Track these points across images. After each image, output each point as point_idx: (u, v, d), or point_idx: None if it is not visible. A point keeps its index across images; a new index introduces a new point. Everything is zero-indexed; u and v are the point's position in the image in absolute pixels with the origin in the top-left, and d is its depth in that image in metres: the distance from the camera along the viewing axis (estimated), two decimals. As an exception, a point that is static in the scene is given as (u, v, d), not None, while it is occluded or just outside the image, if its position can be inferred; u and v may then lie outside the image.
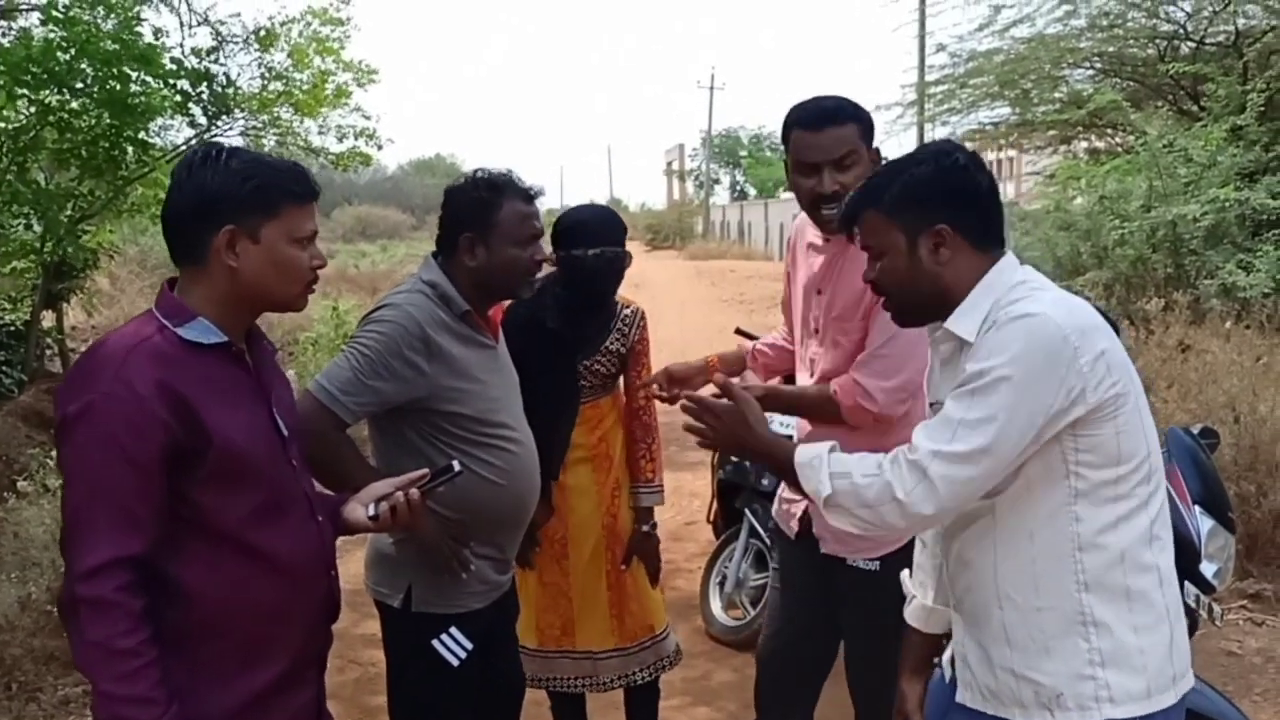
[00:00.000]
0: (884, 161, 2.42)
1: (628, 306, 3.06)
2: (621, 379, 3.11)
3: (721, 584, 4.47)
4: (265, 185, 1.72)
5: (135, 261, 14.60)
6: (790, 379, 2.81)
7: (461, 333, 2.38)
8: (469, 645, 2.46)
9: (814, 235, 2.58)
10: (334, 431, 2.24)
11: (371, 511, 1.93)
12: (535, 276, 2.50)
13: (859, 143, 2.39)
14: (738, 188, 53.67)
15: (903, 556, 2.48)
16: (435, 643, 2.43)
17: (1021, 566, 1.73)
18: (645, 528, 3.08)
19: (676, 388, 2.78)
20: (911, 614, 2.06)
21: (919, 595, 2.04)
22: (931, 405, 1.92)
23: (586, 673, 3.06)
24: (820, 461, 1.80)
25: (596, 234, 2.89)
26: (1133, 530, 1.71)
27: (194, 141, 8.89)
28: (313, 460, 2.22)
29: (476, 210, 2.40)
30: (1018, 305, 1.70)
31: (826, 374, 2.53)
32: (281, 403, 1.86)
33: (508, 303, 2.96)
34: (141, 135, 7.88)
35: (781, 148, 2.58)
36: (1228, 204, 8.22)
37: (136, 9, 7.34)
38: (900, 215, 1.81)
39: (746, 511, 4.33)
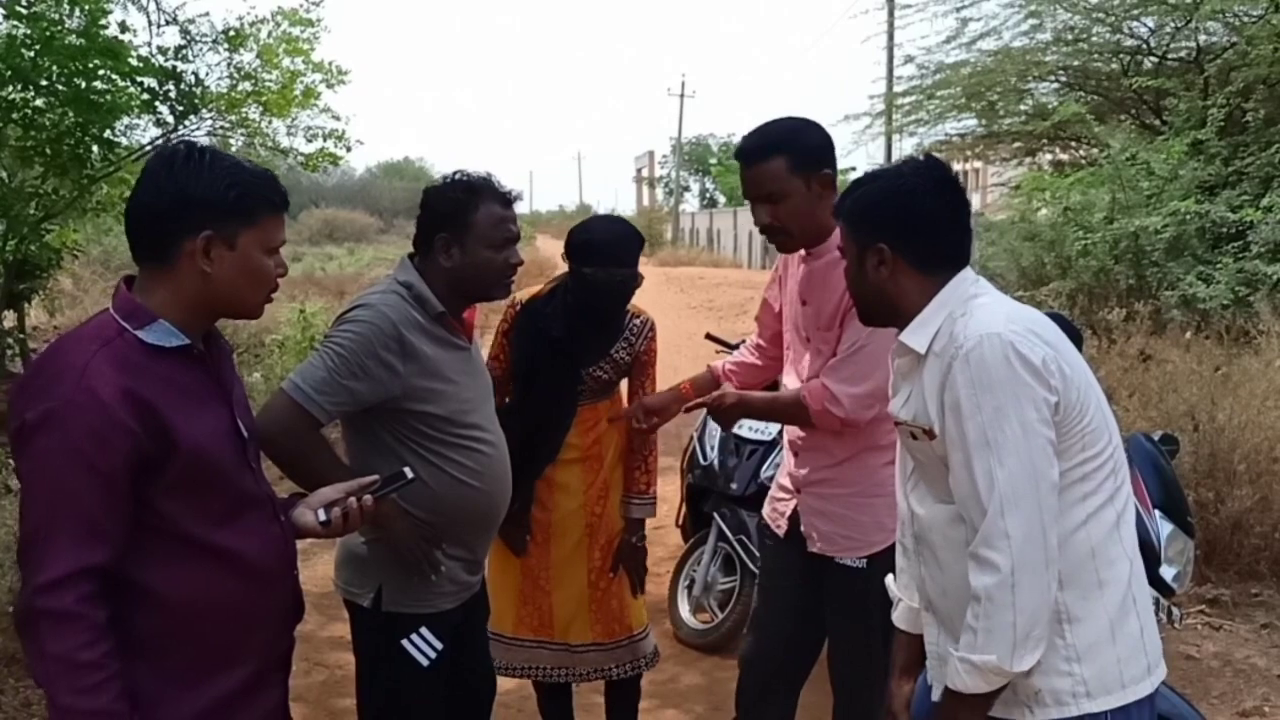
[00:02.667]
0: (836, 181, 2.51)
1: (638, 316, 3.06)
2: (625, 386, 3.12)
3: (690, 587, 4.49)
4: (246, 193, 1.69)
5: (98, 262, 14.42)
6: (773, 388, 2.85)
7: (435, 334, 2.39)
8: (439, 645, 2.46)
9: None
10: (308, 431, 2.24)
11: (322, 517, 1.89)
12: (510, 280, 2.50)
13: (787, 175, 2.45)
14: (707, 195, 53.81)
15: (890, 555, 2.51)
16: (405, 642, 2.43)
17: None
18: (634, 539, 3.09)
19: (654, 418, 2.86)
20: (899, 617, 2.09)
21: (904, 598, 2.07)
22: (897, 425, 1.95)
23: (564, 663, 3.09)
24: (951, 672, 1.77)
25: (610, 253, 2.87)
26: (1101, 525, 1.76)
27: (160, 141, 8.81)
28: (287, 460, 2.23)
29: (452, 211, 2.40)
30: (972, 325, 1.75)
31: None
32: (240, 404, 1.83)
33: (520, 306, 3.00)
34: (107, 134, 7.79)
35: None
36: (1188, 217, 8.37)
37: (102, 3, 7.25)
38: (852, 227, 1.93)
39: (715, 515, 4.36)
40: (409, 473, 2.01)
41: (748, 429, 4.42)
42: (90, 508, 1.55)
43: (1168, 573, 2.69)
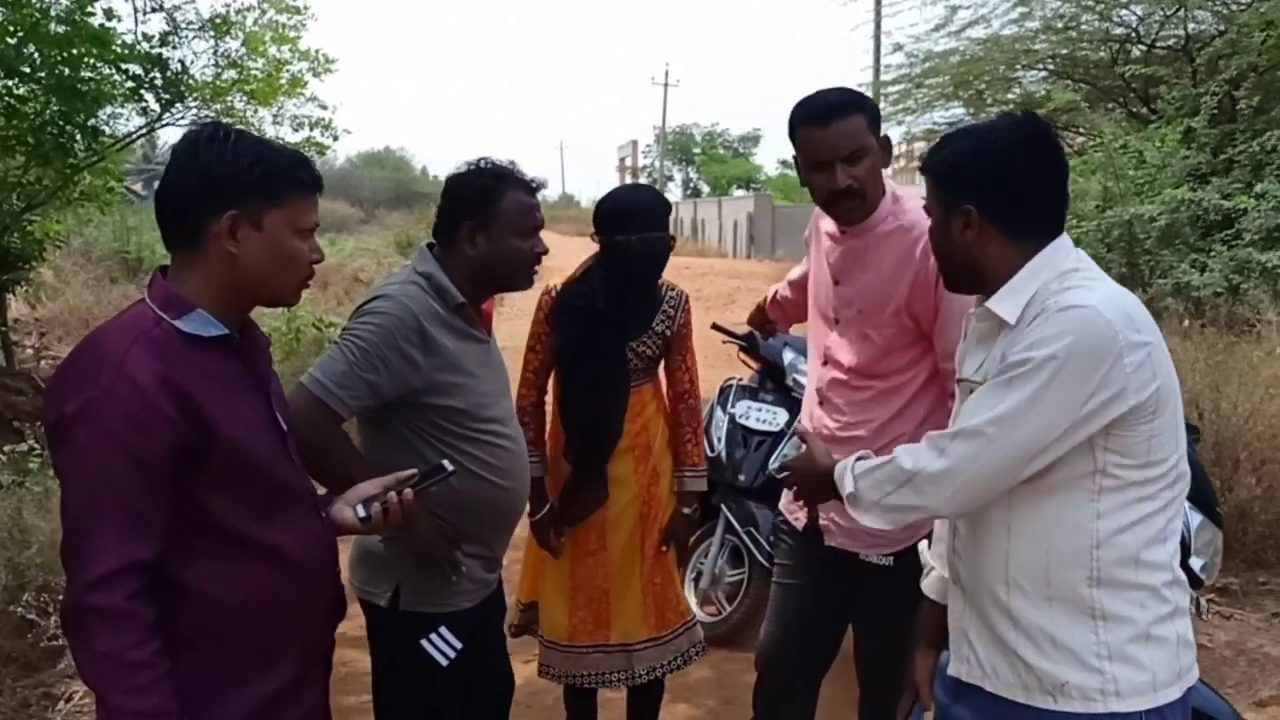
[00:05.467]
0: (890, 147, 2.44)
1: (672, 289, 3.03)
2: (664, 364, 3.09)
3: (696, 580, 4.44)
4: (272, 171, 1.65)
5: (80, 253, 14.23)
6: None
7: (455, 325, 2.33)
8: (458, 645, 2.41)
9: (831, 226, 2.56)
10: (329, 426, 2.18)
11: (363, 513, 1.87)
12: (535, 269, 2.45)
13: (867, 133, 2.36)
14: (691, 185, 53.72)
15: (916, 553, 2.47)
16: (424, 642, 2.38)
17: (1035, 556, 1.72)
18: (687, 510, 3.07)
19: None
20: (929, 585, 2.04)
21: (937, 567, 2.01)
22: (959, 382, 1.92)
23: (620, 666, 3.02)
24: (845, 467, 1.86)
25: (640, 218, 2.82)
26: (1149, 530, 1.71)
27: (144, 129, 8.69)
28: (309, 456, 2.15)
29: (479, 198, 2.34)
30: (1068, 295, 1.69)
31: (852, 368, 2.50)
32: (277, 396, 1.79)
33: (556, 292, 2.95)
34: (91, 122, 7.65)
35: (736, 146, 2.60)
36: (1182, 204, 8.37)
37: (89, -11, 7.11)
38: (939, 186, 1.83)
39: (722, 507, 4.31)
40: (448, 465, 1.98)
41: (755, 419, 4.38)
42: (134, 500, 1.52)
43: (1195, 564, 2.67)
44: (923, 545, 2.10)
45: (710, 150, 52.86)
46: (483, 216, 2.34)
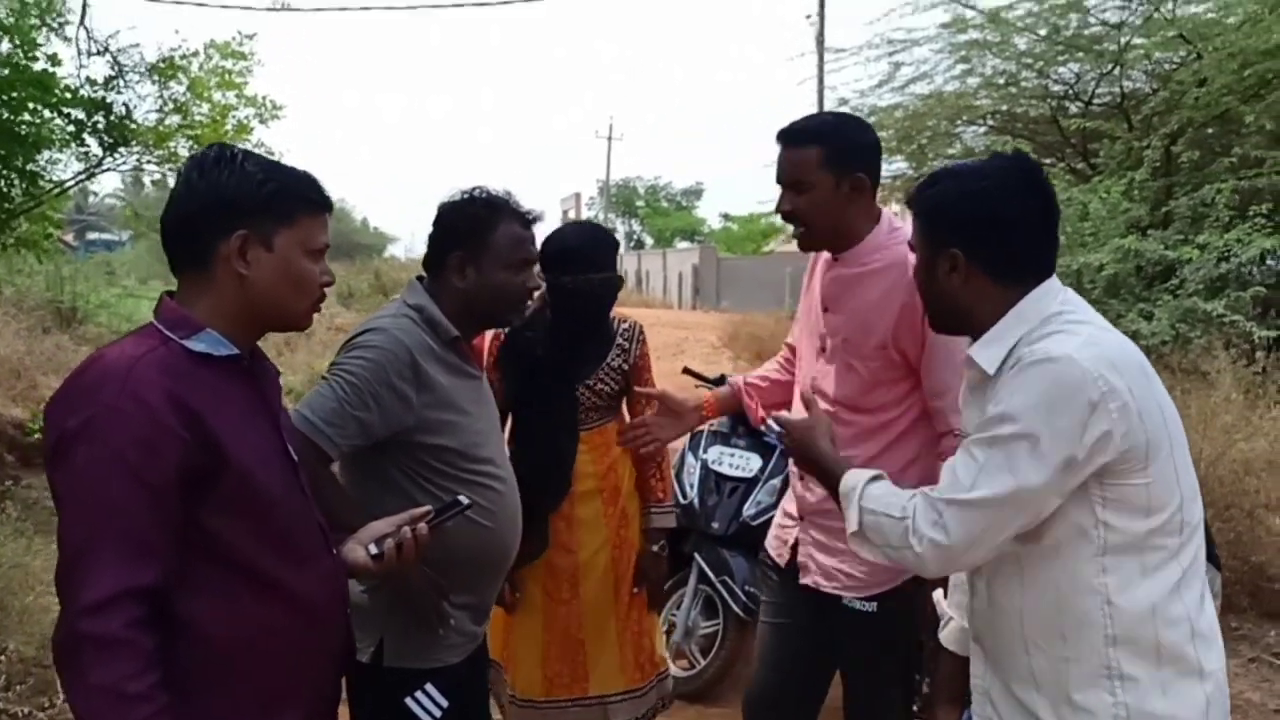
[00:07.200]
0: (872, 187, 2.40)
1: (625, 322, 2.95)
2: (625, 399, 3.00)
3: (669, 633, 4.31)
4: (282, 189, 1.59)
5: (11, 303, 13.79)
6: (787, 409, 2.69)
7: (448, 361, 2.23)
8: (445, 703, 2.27)
9: (826, 252, 2.51)
10: (317, 465, 2.04)
11: (374, 550, 1.77)
12: (526, 304, 2.36)
13: (816, 168, 2.32)
14: (634, 237, 54.05)
15: (899, 595, 2.40)
16: (409, 700, 2.24)
17: (1048, 616, 1.67)
18: (655, 547, 2.97)
19: (653, 435, 2.72)
20: (948, 637, 1.96)
21: (955, 617, 1.94)
22: (957, 435, 1.86)
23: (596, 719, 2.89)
24: (854, 493, 1.78)
25: (586, 258, 2.76)
26: (1163, 582, 1.65)
27: (83, 175, 8.49)
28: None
29: (470, 227, 2.26)
30: (1043, 345, 1.64)
31: (838, 400, 2.43)
32: (287, 428, 1.71)
33: (505, 335, 2.85)
34: (30, 167, 7.44)
35: (679, 199, 2.60)
36: (1130, 253, 8.55)
37: (33, 34, 6.96)
38: (924, 227, 1.80)
39: (696, 556, 4.20)
40: (464, 499, 1.90)
41: (727, 465, 4.30)
42: (137, 523, 1.41)
43: (1196, 607, 2.62)
44: (938, 595, 2.03)
45: (653, 203, 53.32)
46: (473, 247, 2.25)
